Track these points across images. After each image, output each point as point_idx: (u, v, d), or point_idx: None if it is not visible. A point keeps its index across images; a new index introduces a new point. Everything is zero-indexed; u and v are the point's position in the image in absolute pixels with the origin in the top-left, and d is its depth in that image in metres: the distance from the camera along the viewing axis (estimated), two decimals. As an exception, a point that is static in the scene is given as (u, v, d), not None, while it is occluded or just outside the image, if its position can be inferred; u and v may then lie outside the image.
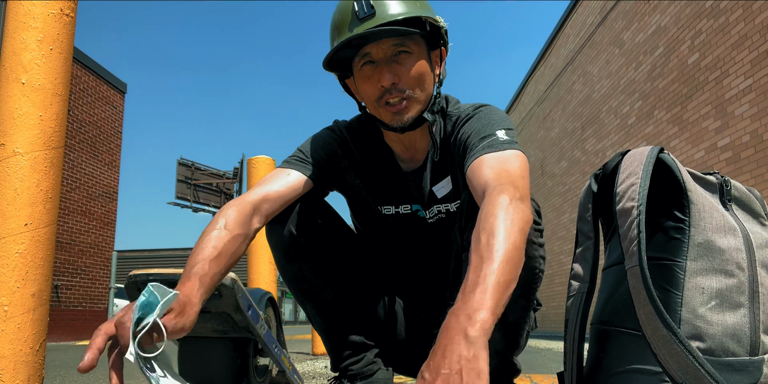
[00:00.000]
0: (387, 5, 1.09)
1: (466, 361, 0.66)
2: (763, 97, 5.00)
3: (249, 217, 1.06)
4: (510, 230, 0.81)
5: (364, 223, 1.38)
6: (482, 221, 0.84)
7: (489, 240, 0.79)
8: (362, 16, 1.08)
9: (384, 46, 1.11)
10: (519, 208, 0.86)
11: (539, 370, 2.92)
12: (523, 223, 0.84)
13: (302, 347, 5.62)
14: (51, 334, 9.62)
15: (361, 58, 1.14)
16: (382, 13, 1.08)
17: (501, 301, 0.73)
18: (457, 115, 1.21)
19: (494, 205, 0.86)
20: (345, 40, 1.08)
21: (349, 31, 1.09)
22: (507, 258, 0.77)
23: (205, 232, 0.99)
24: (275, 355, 1.53)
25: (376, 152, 1.29)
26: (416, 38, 1.14)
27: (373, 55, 1.12)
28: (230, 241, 0.98)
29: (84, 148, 10.92)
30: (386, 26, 1.07)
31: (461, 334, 0.68)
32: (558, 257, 10.91)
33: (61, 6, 1.34)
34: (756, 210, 0.95)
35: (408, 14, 1.09)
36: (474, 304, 0.71)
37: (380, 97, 1.14)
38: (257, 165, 3.55)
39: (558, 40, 11.11)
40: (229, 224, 1.01)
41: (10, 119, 1.26)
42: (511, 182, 0.93)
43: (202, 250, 0.94)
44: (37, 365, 1.23)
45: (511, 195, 0.88)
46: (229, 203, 1.08)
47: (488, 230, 0.81)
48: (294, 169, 1.21)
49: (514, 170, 0.98)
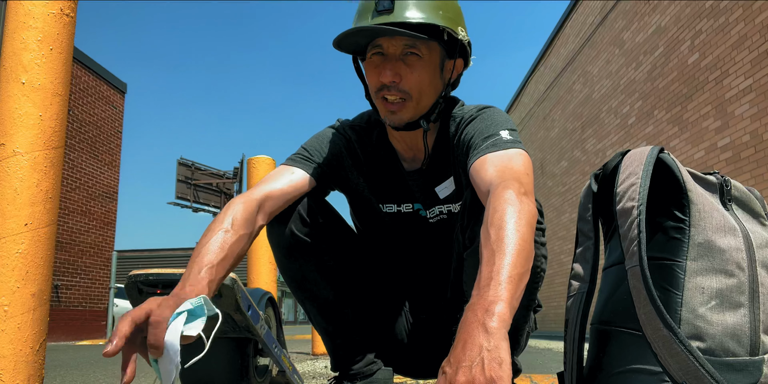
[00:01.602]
0: (407, 6, 1.09)
1: (486, 351, 0.65)
2: (763, 97, 5.00)
3: (254, 215, 1.07)
4: (518, 223, 0.81)
5: (364, 222, 1.38)
6: (490, 216, 0.84)
7: (499, 234, 0.80)
8: (380, 8, 1.09)
9: (396, 42, 1.12)
10: (524, 202, 0.86)
11: (539, 370, 2.92)
12: (530, 216, 0.85)
13: (302, 347, 5.62)
14: (51, 334, 9.62)
15: (373, 47, 1.14)
16: (398, 12, 1.09)
17: (516, 294, 0.73)
18: (461, 116, 1.21)
19: (500, 200, 0.86)
20: (356, 28, 1.08)
21: (365, 20, 1.11)
22: (518, 251, 0.77)
23: (211, 230, 0.98)
24: (275, 355, 1.53)
25: (379, 151, 1.30)
26: (431, 44, 1.14)
27: (384, 49, 1.13)
28: (236, 242, 0.98)
29: (84, 148, 10.92)
30: (396, 26, 1.07)
31: (480, 327, 0.67)
32: (558, 257, 10.91)
33: (61, 6, 1.34)
34: (756, 210, 0.95)
35: (423, 20, 1.09)
36: (490, 297, 0.70)
37: (379, 90, 1.15)
38: (257, 165, 3.55)
39: (558, 40, 11.10)
40: (236, 223, 1.01)
41: (10, 119, 1.26)
42: (516, 178, 0.93)
43: (209, 252, 0.93)
44: (37, 365, 1.23)
45: (517, 190, 0.88)
46: (234, 200, 1.08)
47: (497, 225, 0.81)
48: (298, 168, 1.22)
49: (518, 167, 0.98)
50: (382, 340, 1.36)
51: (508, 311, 0.70)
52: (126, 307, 12.01)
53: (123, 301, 12.00)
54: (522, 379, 2.29)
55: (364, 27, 1.07)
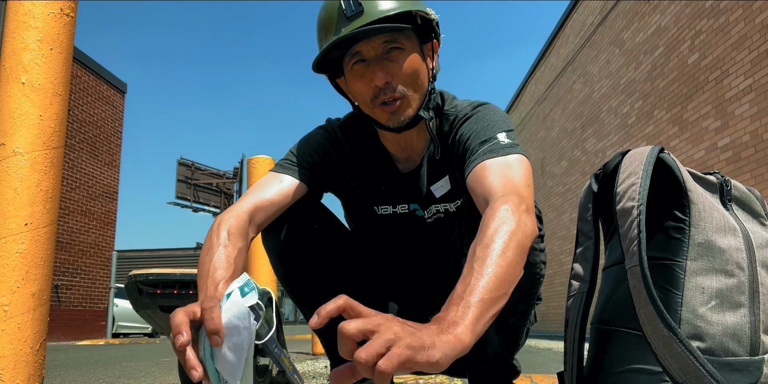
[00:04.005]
0: (375, 2, 1.05)
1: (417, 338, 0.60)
2: (763, 97, 5.00)
3: (246, 229, 1.04)
4: (507, 245, 0.78)
5: (359, 224, 1.36)
6: (480, 233, 0.81)
7: (483, 253, 0.77)
8: (350, 14, 1.04)
9: (375, 43, 1.07)
10: (521, 221, 0.83)
11: (539, 370, 2.92)
12: (524, 237, 0.81)
13: (302, 347, 5.61)
14: (51, 334, 9.62)
15: (351, 56, 1.09)
16: (371, 11, 1.04)
17: (484, 317, 0.70)
18: (455, 114, 1.18)
19: (494, 217, 0.83)
20: (334, 41, 1.04)
21: (337, 30, 1.05)
22: (497, 274, 0.74)
23: (211, 247, 0.96)
24: (275, 355, 1.53)
25: (371, 153, 1.27)
26: (407, 33, 1.10)
27: (364, 54, 1.08)
28: (238, 256, 0.96)
29: (84, 148, 10.92)
30: (376, 24, 1.04)
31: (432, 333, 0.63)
32: (558, 257, 10.91)
33: (61, 6, 1.34)
34: (756, 210, 0.95)
35: (398, 10, 1.05)
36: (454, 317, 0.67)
37: (375, 97, 1.10)
38: (257, 165, 3.55)
39: (558, 40, 11.10)
40: (233, 238, 0.99)
41: (10, 119, 1.26)
42: (516, 192, 0.90)
43: (218, 268, 0.92)
44: (37, 365, 1.23)
45: (515, 206, 0.85)
46: (224, 215, 1.05)
47: (484, 244, 0.79)
48: (287, 174, 1.18)
49: (518, 178, 0.95)
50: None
51: (468, 333, 0.66)
52: (126, 307, 12.01)
53: (123, 301, 12.00)
54: (522, 379, 2.28)
55: (345, 36, 1.03)
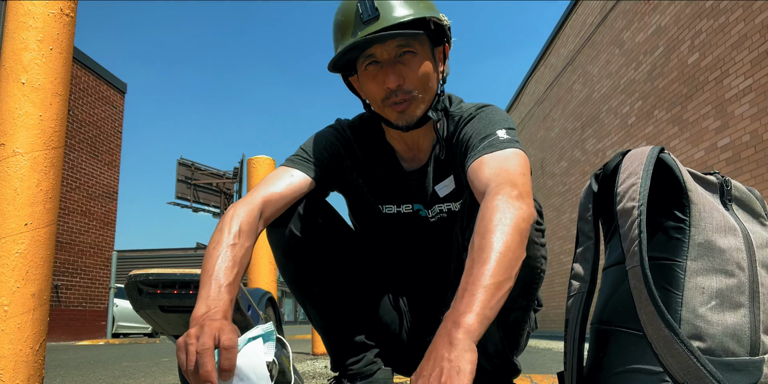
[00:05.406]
0: (392, 7, 1.08)
1: (447, 362, 0.69)
2: (763, 97, 5.00)
3: (257, 223, 1.06)
4: (504, 231, 0.82)
5: (363, 223, 1.38)
6: (477, 224, 0.85)
7: (481, 242, 0.81)
8: (366, 18, 1.08)
9: (389, 47, 1.11)
10: (516, 206, 0.86)
11: (539, 370, 2.92)
12: (520, 220, 0.85)
13: (302, 347, 5.61)
14: (51, 334, 9.62)
15: (365, 58, 1.14)
16: (386, 16, 1.08)
17: (491, 303, 0.75)
18: (460, 115, 1.22)
19: (489, 206, 0.87)
20: (350, 44, 1.07)
21: (354, 34, 1.09)
22: (498, 259, 0.79)
23: (219, 242, 0.98)
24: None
25: (378, 151, 1.30)
26: (421, 38, 1.14)
27: (378, 57, 1.12)
28: (244, 256, 0.98)
29: (84, 148, 10.92)
30: (391, 29, 1.07)
31: (446, 339, 0.72)
32: (558, 257, 10.91)
33: (61, 6, 1.34)
34: (756, 210, 0.95)
35: (413, 16, 1.09)
36: (461, 309, 0.74)
37: (386, 98, 1.14)
38: (257, 165, 3.55)
39: (558, 40, 11.10)
40: (243, 234, 1.00)
41: (10, 119, 1.26)
42: (510, 180, 0.94)
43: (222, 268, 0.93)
44: (37, 365, 1.23)
45: (509, 194, 0.89)
46: (237, 206, 1.07)
47: (481, 233, 0.83)
48: (297, 169, 1.21)
49: (513, 168, 0.98)
50: (382, 339, 1.36)
51: (477, 322, 0.73)
52: (126, 307, 12.01)
53: (123, 301, 11.99)
54: (522, 379, 2.28)
55: (362, 39, 1.07)
